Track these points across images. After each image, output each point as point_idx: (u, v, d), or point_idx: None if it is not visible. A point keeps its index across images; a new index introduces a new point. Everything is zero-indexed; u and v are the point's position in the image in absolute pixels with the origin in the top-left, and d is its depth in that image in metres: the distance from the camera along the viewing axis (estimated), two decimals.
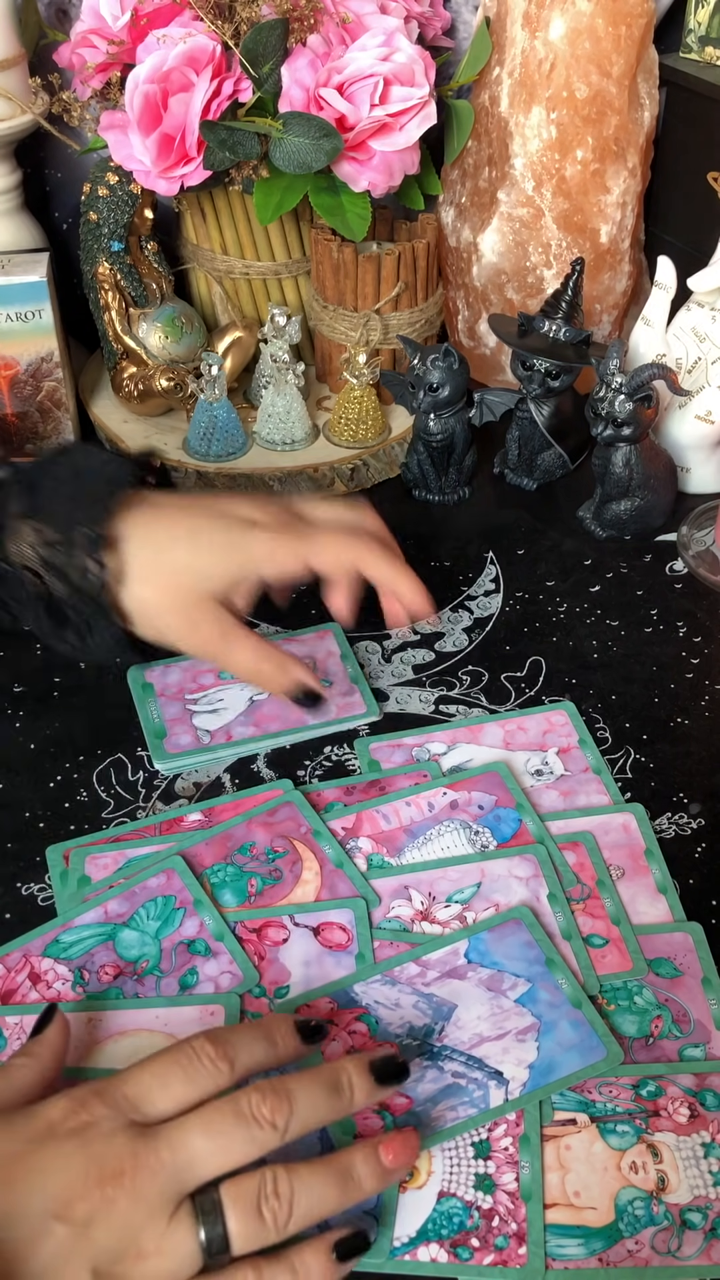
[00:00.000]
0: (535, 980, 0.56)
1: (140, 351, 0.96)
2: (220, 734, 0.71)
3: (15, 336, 0.91)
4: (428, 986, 0.56)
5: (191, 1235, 0.42)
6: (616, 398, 0.81)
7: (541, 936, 0.58)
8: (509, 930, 0.58)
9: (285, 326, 0.92)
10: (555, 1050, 0.53)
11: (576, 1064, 0.53)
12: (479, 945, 0.57)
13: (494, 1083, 0.52)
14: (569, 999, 0.55)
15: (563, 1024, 0.54)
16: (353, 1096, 0.47)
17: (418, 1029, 0.54)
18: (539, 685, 0.75)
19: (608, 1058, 0.53)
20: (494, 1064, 0.53)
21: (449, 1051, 0.53)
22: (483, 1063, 0.53)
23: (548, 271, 0.98)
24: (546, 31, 0.90)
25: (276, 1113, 0.44)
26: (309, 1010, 0.55)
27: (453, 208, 1.03)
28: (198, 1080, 0.45)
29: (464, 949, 0.57)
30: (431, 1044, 0.53)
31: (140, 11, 0.84)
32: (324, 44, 0.84)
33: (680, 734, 0.72)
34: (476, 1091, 0.52)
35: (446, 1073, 0.52)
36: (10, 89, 0.91)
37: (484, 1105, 0.51)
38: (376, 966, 0.57)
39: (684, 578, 0.84)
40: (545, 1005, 0.55)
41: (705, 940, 0.59)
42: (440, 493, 0.93)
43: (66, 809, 0.67)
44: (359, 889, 0.61)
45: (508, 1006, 0.55)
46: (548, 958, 0.56)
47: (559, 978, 0.56)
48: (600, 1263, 0.47)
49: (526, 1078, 0.52)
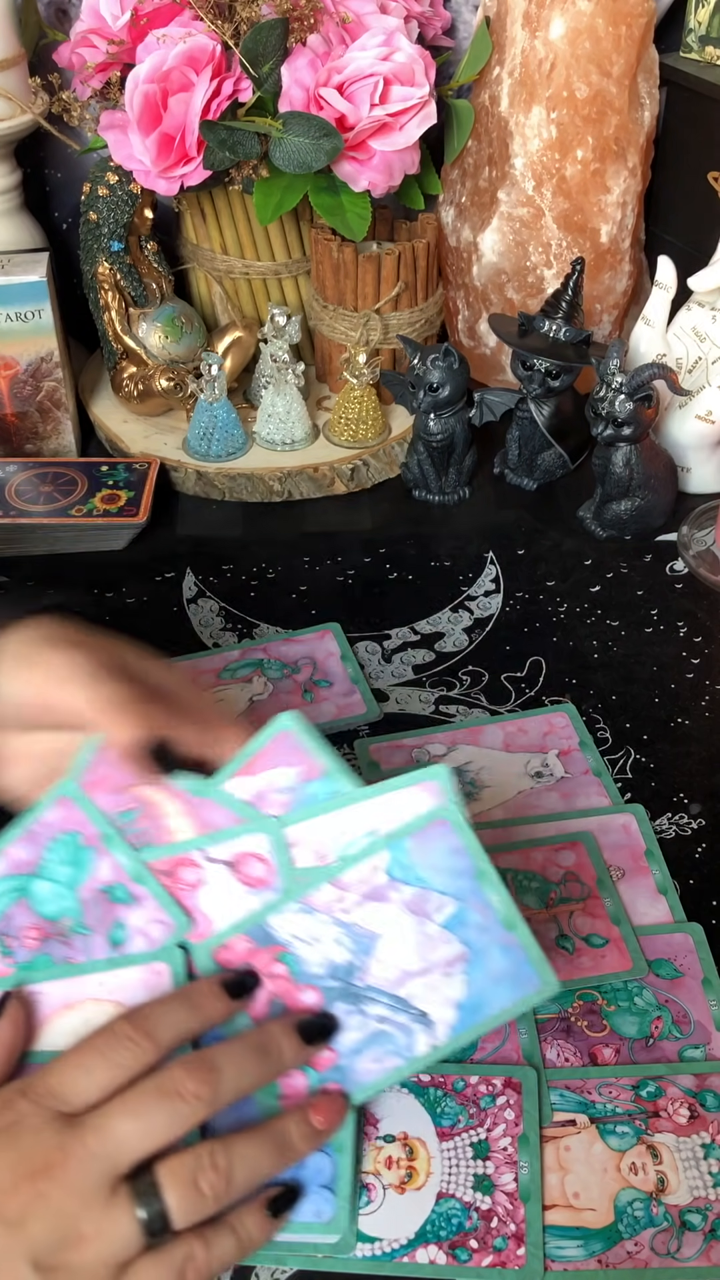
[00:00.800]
0: (464, 899, 0.49)
1: (140, 351, 0.96)
2: None
3: (15, 336, 0.91)
4: (348, 914, 0.50)
5: (130, 1216, 0.42)
6: (617, 398, 0.81)
7: (471, 840, 0.49)
8: (434, 835, 0.50)
9: (285, 326, 0.92)
10: (485, 983, 0.48)
11: (507, 999, 0.48)
12: (401, 857, 0.50)
13: (420, 1027, 0.49)
14: (501, 919, 0.48)
15: (493, 951, 0.48)
16: (281, 1059, 0.47)
17: (339, 967, 0.49)
18: (539, 685, 0.75)
19: (541, 989, 0.48)
20: (420, 1004, 0.49)
21: (373, 993, 0.49)
22: (408, 1004, 0.49)
23: (548, 271, 0.98)
24: (546, 31, 0.90)
25: (202, 1085, 0.44)
26: (226, 952, 0.51)
27: (453, 207, 1.03)
28: (120, 1062, 0.44)
29: (385, 863, 0.50)
30: (354, 984, 0.49)
31: (140, 11, 0.84)
32: (324, 44, 0.84)
33: (680, 734, 0.71)
34: (401, 1039, 0.49)
35: (371, 1018, 0.49)
36: (10, 89, 0.91)
37: (409, 1054, 0.48)
38: (290, 891, 0.50)
39: (684, 578, 0.84)
40: (475, 929, 0.49)
41: (705, 941, 0.59)
42: (440, 493, 0.93)
43: None
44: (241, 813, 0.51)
45: (434, 933, 0.49)
46: (478, 869, 0.49)
47: (490, 893, 0.49)
48: (599, 1264, 0.47)
49: (454, 1019, 0.48)
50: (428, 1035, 0.49)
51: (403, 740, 0.71)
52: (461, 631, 0.80)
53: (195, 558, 0.86)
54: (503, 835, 0.65)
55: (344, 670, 0.76)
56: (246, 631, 0.80)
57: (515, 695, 0.74)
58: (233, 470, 0.92)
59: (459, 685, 0.75)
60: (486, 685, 0.75)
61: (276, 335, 0.92)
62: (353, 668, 0.76)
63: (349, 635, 0.79)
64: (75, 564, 0.86)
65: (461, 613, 0.81)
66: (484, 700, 0.74)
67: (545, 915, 0.60)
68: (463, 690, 0.75)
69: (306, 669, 0.76)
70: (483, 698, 0.74)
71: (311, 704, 0.73)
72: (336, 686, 0.74)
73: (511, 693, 0.75)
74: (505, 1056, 0.54)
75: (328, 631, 0.79)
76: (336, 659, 0.77)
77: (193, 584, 0.84)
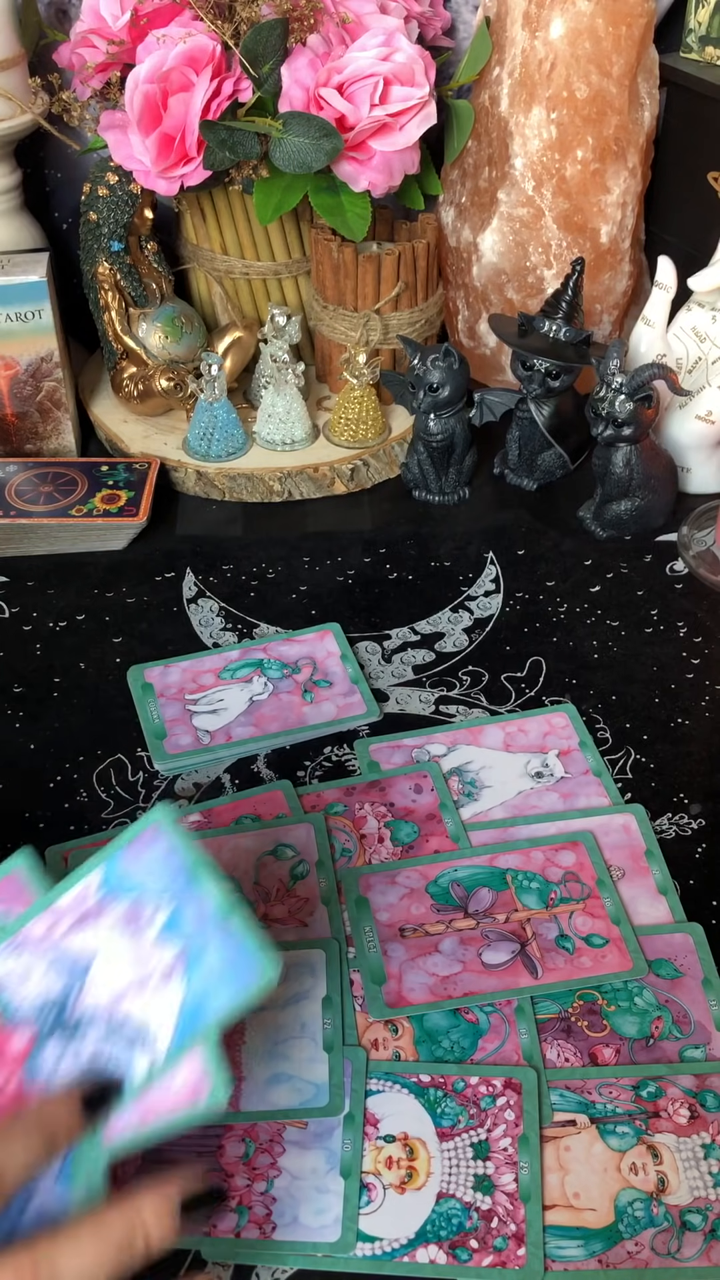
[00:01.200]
0: (180, 897, 0.46)
1: (140, 351, 0.96)
2: (220, 734, 0.71)
3: (15, 336, 0.91)
4: (62, 942, 0.46)
5: None
6: (617, 398, 0.81)
7: (185, 839, 0.47)
8: (148, 841, 0.47)
9: (285, 326, 0.92)
10: (206, 983, 0.44)
11: (226, 998, 0.43)
12: (115, 869, 0.47)
13: (139, 1048, 0.44)
14: (216, 910, 0.45)
15: (212, 945, 0.45)
16: (58, 1137, 0.40)
17: (52, 1000, 0.45)
18: (539, 685, 0.75)
19: (262, 981, 0.43)
20: (138, 1021, 0.44)
21: (88, 1021, 0.45)
22: (125, 1024, 0.44)
23: (548, 271, 0.98)
24: (546, 31, 0.90)
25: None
26: None
27: (453, 208, 1.03)
28: None
29: (98, 880, 0.47)
30: (65, 1019, 0.45)
31: (140, 11, 0.84)
32: (324, 44, 0.84)
33: (680, 734, 0.71)
34: (120, 1064, 0.44)
35: (86, 1046, 0.44)
36: (10, 89, 0.91)
37: (130, 1081, 0.44)
38: (3, 930, 0.47)
39: (684, 578, 0.84)
40: (193, 925, 0.45)
41: (705, 941, 0.59)
42: (440, 493, 0.93)
43: (66, 809, 0.67)
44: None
45: (150, 940, 0.45)
46: (193, 863, 0.46)
47: (207, 884, 0.46)
48: (600, 1264, 0.47)
49: (174, 1028, 0.44)
50: (146, 1054, 0.44)
51: (403, 740, 0.71)
52: (461, 632, 0.80)
53: (195, 558, 0.86)
54: (502, 835, 0.65)
55: (344, 670, 0.76)
56: (246, 631, 0.80)
57: (515, 695, 0.74)
58: (233, 470, 0.92)
59: (459, 685, 0.75)
60: (486, 685, 0.75)
61: (276, 335, 0.92)
62: (353, 668, 0.76)
63: (349, 635, 0.79)
64: (75, 564, 0.86)
65: (461, 613, 0.81)
66: (484, 700, 0.74)
67: (545, 915, 0.60)
68: (463, 690, 0.75)
69: (306, 669, 0.76)
70: (483, 698, 0.74)
71: (311, 704, 0.73)
72: (336, 686, 0.75)
73: (511, 693, 0.75)
74: (505, 1057, 0.54)
75: (328, 631, 0.79)
76: (336, 659, 0.77)
77: (193, 584, 0.84)
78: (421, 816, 0.66)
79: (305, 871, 0.63)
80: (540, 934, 0.59)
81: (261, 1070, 0.53)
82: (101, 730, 0.72)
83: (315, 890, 0.62)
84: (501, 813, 0.66)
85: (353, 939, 0.59)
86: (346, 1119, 0.51)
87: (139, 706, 0.73)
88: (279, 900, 0.61)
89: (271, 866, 0.63)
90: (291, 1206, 0.49)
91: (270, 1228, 0.48)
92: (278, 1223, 0.48)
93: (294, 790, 0.67)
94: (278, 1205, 0.49)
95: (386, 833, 0.65)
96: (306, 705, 0.73)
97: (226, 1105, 0.44)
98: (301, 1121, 0.52)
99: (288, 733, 0.71)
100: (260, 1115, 0.52)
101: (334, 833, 0.65)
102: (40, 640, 0.79)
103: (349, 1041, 0.55)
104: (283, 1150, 0.51)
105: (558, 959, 0.58)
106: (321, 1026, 0.55)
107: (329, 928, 0.60)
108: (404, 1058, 0.54)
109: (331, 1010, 0.56)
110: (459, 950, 0.59)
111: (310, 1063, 0.54)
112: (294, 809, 0.66)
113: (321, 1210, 0.48)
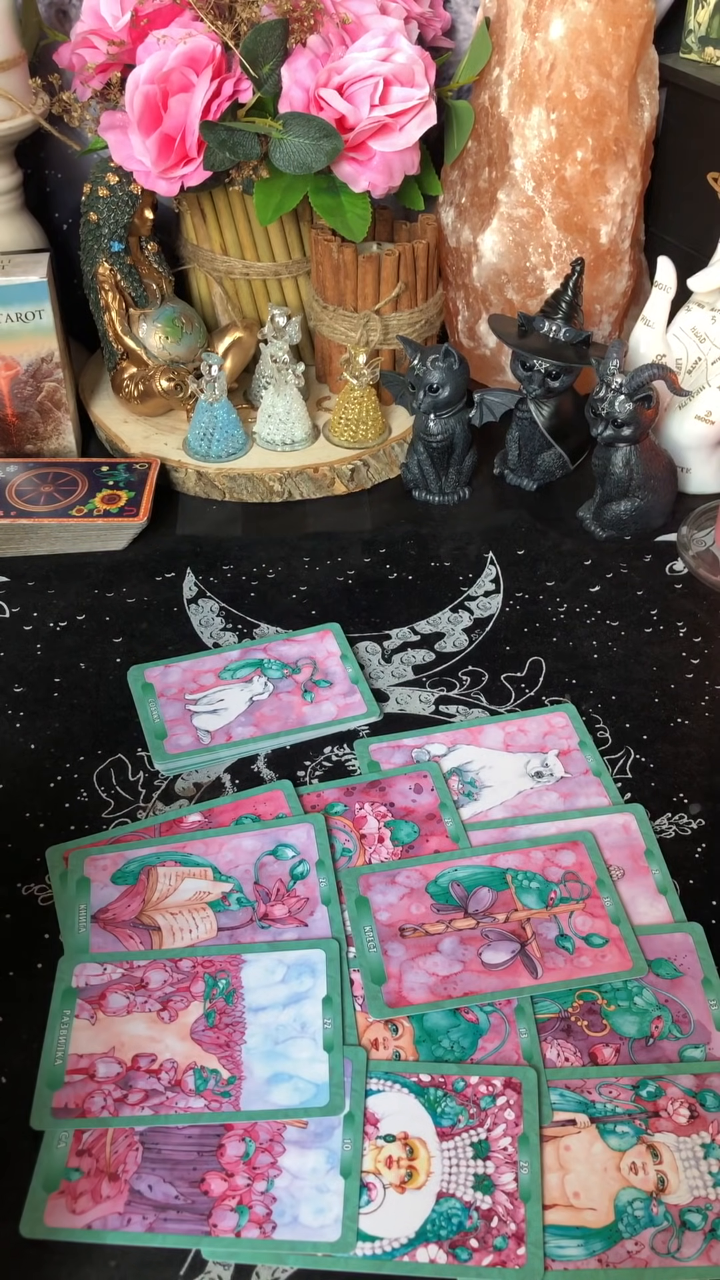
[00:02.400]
0: None
1: (140, 352, 0.96)
2: (220, 734, 0.71)
3: (15, 336, 0.91)
4: None
5: None
6: (616, 398, 0.81)
7: None
8: None
9: (285, 327, 0.92)
10: None
11: None
12: None
13: None
14: None
15: None
16: None
17: None
18: (539, 685, 0.75)
19: None
20: None
21: None
22: None
23: (548, 272, 0.98)
24: (546, 32, 0.90)
25: None
26: None
27: (453, 208, 1.03)
28: None
29: None
30: None
31: (140, 12, 0.84)
32: (324, 44, 0.84)
33: (680, 734, 0.71)
34: None
35: None
36: (10, 89, 0.91)
37: None
38: None
39: (684, 578, 0.84)
40: None
41: (705, 941, 0.59)
42: (440, 493, 0.93)
43: (66, 809, 0.67)
44: None
45: None
46: None
47: None
48: (600, 1263, 0.47)
49: None
50: None
51: (403, 740, 0.71)
52: (461, 632, 0.80)
53: (195, 558, 0.86)
54: (503, 835, 0.65)
55: (344, 670, 0.76)
56: (246, 631, 0.80)
57: (515, 695, 0.74)
58: (233, 470, 0.92)
59: (459, 685, 0.75)
60: (486, 685, 0.75)
61: (276, 336, 0.92)
62: (353, 668, 0.76)
63: (349, 635, 0.79)
64: (76, 564, 0.86)
65: (461, 613, 0.81)
66: (484, 700, 0.74)
67: (545, 915, 0.60)
68: (463, 690, 0.75)
69: (306, 669, 0.76)
70: (483, 698, 0.74)
71: (311, 704, 0.73)
72: (336, 686, 0.75)
73: (511, 693, 0.75)
74: (505, 1056, 0.54)
75: (328, 631, 0.79)
76: (336, 659, 0.77)
77: (193, 584, 0.84)
78: (421, 816, 0.66)
79: (305, 871, 0.63)
80: (540, 934, 0.59)
81: (262, 1070, 0.54)
82: (102, 730, 0.72)
83: (315, 890, 0.62)
84: (501, 812, 0.66)
85: (353, 939, 0.59)
86: (347, 1118, 0.52)
87: (139, 706, 0.73)
88: (279, 900, 0.61)
89: (271, 866, 0.63)
90: (292, 1206, 0.49)
91: (270, 1227, 0.48)
92: (278, 1222, 0.48)
93: (294, 790, 0.67)
94: (278, 1205, 0.49)
95: (386, 832, 0.65)
96: (306, 705, 0.73)
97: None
98: (302, 1121, 0.52)
99: (288, 733, 0.71)
100: (260, 1115, 0.52)
101: (334, 833, 0.65)
102: (41, 640, 0.79)
103: (349, 1041, 0.55)
104: (283, 1150, 0.51)
105: (557, 959, 0.58)
106: (322, 1026, 0.55)
107: (329, 928, 0.60)
108: (404, 1057, 0.54)
109: (332, 1010, 0.56)
110: (459, 950, 0.59)
111: (310, 1062, 0.54)
112: (294, 809, 0.66)
113: (322, 1210, 0.48)
